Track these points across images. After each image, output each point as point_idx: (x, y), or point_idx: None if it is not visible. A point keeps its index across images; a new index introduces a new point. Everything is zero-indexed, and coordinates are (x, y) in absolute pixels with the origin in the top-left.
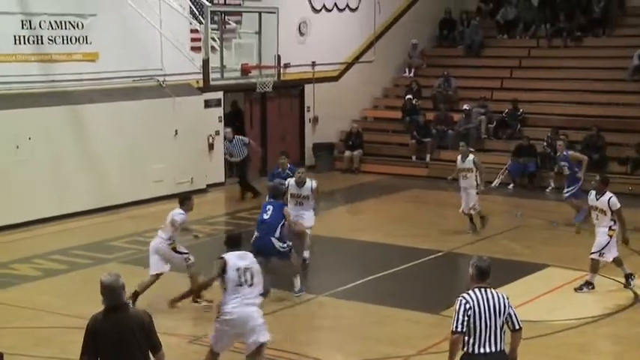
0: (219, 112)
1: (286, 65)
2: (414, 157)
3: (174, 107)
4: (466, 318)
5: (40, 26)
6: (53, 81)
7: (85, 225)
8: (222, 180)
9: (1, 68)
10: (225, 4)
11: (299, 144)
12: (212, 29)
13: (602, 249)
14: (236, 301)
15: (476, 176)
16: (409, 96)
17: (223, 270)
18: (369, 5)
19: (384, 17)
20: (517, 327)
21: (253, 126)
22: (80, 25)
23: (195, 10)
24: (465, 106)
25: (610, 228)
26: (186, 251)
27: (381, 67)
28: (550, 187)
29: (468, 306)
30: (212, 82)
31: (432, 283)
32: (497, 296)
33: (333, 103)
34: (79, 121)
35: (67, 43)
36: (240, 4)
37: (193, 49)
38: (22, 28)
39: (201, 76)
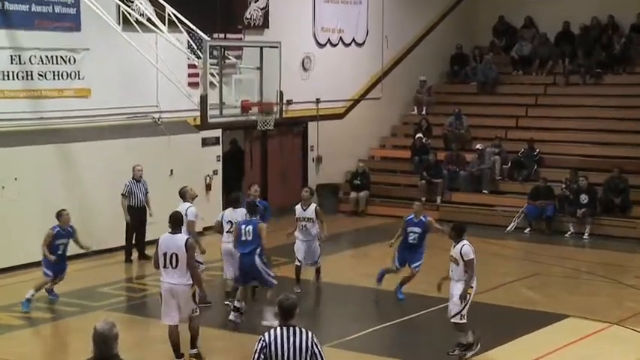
0: (217, 150)
1: (289, 102)
2: (423, 199)
3: (169, 146)
4: (262, 356)
5: (30, 61)
6: (43, 118)
7: (73, 270)
8: None
9: None
10: (225, 38)
11: (301, 184)
12: (211, 64)
13: (463, 310)
14: None
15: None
16: (419, 134)
17: None
18: (376, 40)
19: (393, 52)
20: None
21: (254, 166)
22: (72, 60)
23: (193, 44)
24: (478, 146)
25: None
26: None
27: (389, 104)
28: (569, 232)
29: (263, 344)
30: (210, 120)
31: (440, 333)
32: (302, 334)
33: (338, 141)
34: (69, 160)
35: (58, 78)
36: (241, 39)
37: (191, 84)
38: (12, 63)
39: (198, 113)
